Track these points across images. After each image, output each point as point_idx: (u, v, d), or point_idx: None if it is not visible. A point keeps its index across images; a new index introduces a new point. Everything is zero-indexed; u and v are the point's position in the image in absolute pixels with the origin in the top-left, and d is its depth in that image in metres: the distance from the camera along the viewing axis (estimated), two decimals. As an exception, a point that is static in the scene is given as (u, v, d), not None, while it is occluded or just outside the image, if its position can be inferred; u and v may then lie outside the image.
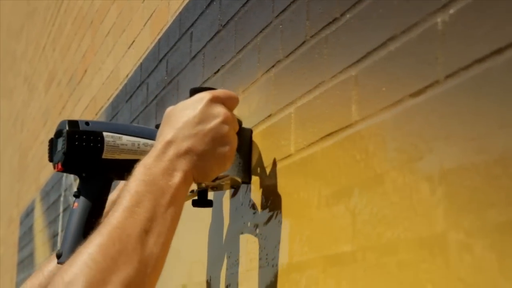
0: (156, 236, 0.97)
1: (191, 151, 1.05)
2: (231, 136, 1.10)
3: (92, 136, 1.23)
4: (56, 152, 1.25)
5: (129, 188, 1.00)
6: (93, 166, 1.24)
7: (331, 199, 1.01)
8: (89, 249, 0.93)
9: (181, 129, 1.06)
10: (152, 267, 0.95)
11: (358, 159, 0.95)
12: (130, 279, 0.91)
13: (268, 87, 1.26)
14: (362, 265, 0.92)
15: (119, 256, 0.93)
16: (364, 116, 0.95)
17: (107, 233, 0.95)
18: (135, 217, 0.97)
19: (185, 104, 1.11)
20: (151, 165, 1.03)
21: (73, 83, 3.43)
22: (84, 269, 0.90)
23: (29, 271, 4.33)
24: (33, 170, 4.70)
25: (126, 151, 1.26)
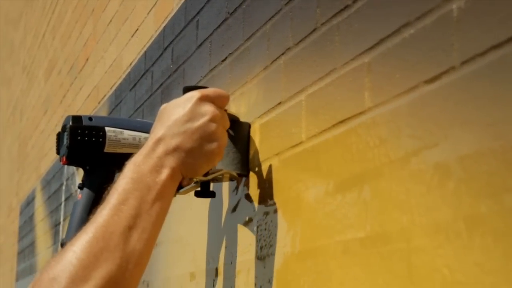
0: (140, 232, 1.01)
1: (180, 148, 1.10)
2: (219, 133, 1.13)
3: (94, 131, 1.30)
4: (62, 146, 1.33)
5: (117, 186, 1.05)
6: (96, 159, 1.31)
7: (344, 185, 1.02)
8: (74, 246, 0.98)
9: (171, 127, 1.11)
10: (135, 262, 1.00)
11: (371, 145, 0.96)
12: (111, 274, 0.97)
13: (278, 75, 1.26)
14: (375, 251, 0.92)
15: (101, 253, 0.98)
16: (378, 102, 0.95)
17: (92, 231, 1.00)
18: (120, 215, 1.01)
19: (176, 102, 1.15)
20: (140, 162, 1.07)
21: (74, 71, 3.43)
22: (68, 266, 0.96)
23: (30, 260, 4.35)
24: (33, 159, 4.70)
25: (128, 145, 1.32)
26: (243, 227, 1.33)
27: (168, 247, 1.79)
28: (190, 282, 1.60)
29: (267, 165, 1.27)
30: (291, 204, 1.17)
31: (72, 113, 3.37)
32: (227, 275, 1.39)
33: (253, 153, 1.34)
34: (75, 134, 1.29)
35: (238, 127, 1.32)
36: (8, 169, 6.39)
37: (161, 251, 1.83)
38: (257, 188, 1.30)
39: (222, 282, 1.41)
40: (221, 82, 1.51)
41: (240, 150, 1.32)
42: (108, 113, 2.59)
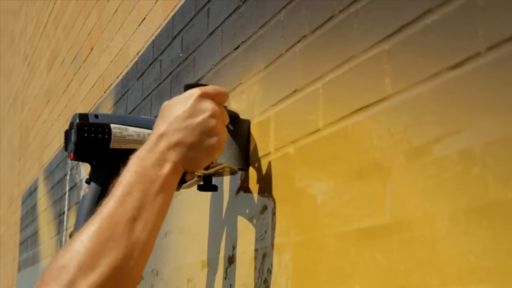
0: (143, 223, 1.07)
1: (181, 143, 1.14)
2: (218, 129, 1.18)
3: (100, 128, 1.36)
4: (69, 142, 1.39)
5: (122, 179, 1.10)
6: (102, 155, 1.37)
7: (363, 172, 1.02)
8: (81, 236, 1.04)
9: (173, 122, 1.16)
10: (139, 251, 1.05)
11: (393, 132, 0.96)
12: (117, 262, 1.02)
13: (293, 63, 1.26)
14: (398, 238, 0.93)
15: (107, 242, 1.03)
16: (399, 89, 0.95)
17: (98, 221, 1.05)
18: (124, 206, 1.07)
19: (178, 99, 1.20)
20: (144, 156, 1.12)
21: (78, 61, 3.42)
22: (75, 255, 1.01)
23: (33, 250, 4.35)
24: (35, 149, 4.69)
25: (132, 141, 1.38)
26: (258, 216, 1.33)
27: (178, 236, 1.79)
28: (201, 270, 1.60)
29: (283, 152, 1.27)
30: (307, 191, 1.17)
31: (76, 102, 3.37)
32: (241, 262, 1.39)
33: (253, 148, 1.38)
34: (82, 131, 1.35)
35: (238, 123, 1.36)
36: (9, 159, 6.39)
37: (171, 240, 1.84)
38: (271, 176, 1.30)
39: (236, 270, 1.41)
40: (233, 70, 1.51)
41: (240, 145, 1.37)
42: (115, 102, 2.59)
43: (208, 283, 1.55)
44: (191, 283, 1.67)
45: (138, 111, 2.24)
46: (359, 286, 1.00)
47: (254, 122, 1.40)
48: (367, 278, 0.99)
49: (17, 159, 5.72)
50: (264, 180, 1.34)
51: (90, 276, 1.00)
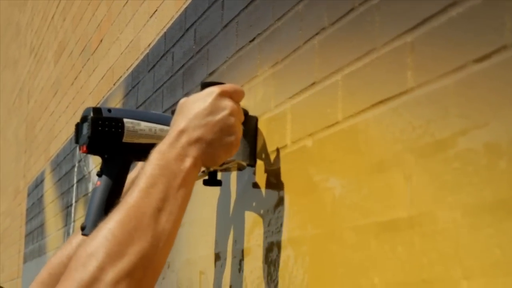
0: (168, 214, 1.10)
1: (201, 140, 1.18)
2: (236, 127, 1.22)
3: (113, 122, 1.38)
4: (82, 135, 1.40)
5: (145, 171, 1.13)
6: (114, 148, 1.38)
7: (384, 165, 1.01)
8: (108, 224, 1.06)
9: (193, 119, 1.19)
10: (164, 241, 1.08)
11: (415, 125, 0.95)
12: (144, 251, 1.05)
13: (311, 55, 1.25)
14: (420, 231, 0.92)
15: (135, 231, 1.06)
16: (421, 82, 0.95)
17: (124, 211, 1.08)
18: (150, 197, 1.10)
19: (197, 96, 1.23)
20: (165, 151, 1.15)
21: (86, 53, 3.42)
22: (104, 242, 1.04)
23: (39, 242, 4.35)
24: (42, 141, 4.69)
25: (144, 135, 1.39)
26: (274, 209, 1.33)
27: (190, 229, 1.79)
28: (214, 263, 1.60)
29: (300, 145, 1.26)
30: (325, 184, 1.17)
31: (84, 94, 3.37)
32: (255, 255, 1.39)
33: (261, 145, 1.41)
34: (95, 125, 1.36)
35: (247, 120, 1.38)
36: (15, 151, 6.39)
37: (183, 232, 1.84)
38: (288, 169, 1.30)
39: (250, 263, 1.41)
40: (249, 63, 1.51)
41: (249, 142, 1.41)
42: (124, 94, 2.59)
43: (221, 275, 1.55)
44: (204, 275, 1.67)
45: (149, 104, 2.24)
46: (379, 279, 1.00)
47: (270, 115, 1.40)
48: (387, 271, 0.99)
49: (23, 151, 5.72)
50: (280, 173, 1.34)
51: (119, 263, 1.03)
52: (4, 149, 7.35)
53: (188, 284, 1.75)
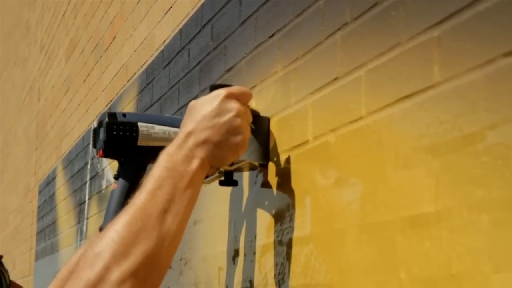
0: (173, 215, 1.13)
1: (208, 141, 1.21)
2: (243, 128, 1.24)
3: (128, 126, 1.43)
4: (98, 140, 1.45)
5: (153, 173, 1.16)
6: (130, 152, 1.43)
7: (410, 160, 1.01)
8: (115, 226, 1.10)
9: (200, 121, 1.22)
10: (170, 241, 1.12)
11: (442, 120, 0.95)
12: (149, 251, 1.09)
13: (333, 50, 1.25)
14: (448, 225, 0.92)
15: (141, 232, 1.10)
16: (448, 76, 0.95)
17: (131, 212, 1.11)
18: (156, 199, 1.13)
19: (205, 99, 1.26)
20: (173, 153, 1.18)
21: (99, 50, 3.42)
22: (110, 243, 1.08)
23: (52, 239, 4.36)
24: (53, 139, 4.70)
25: (158, 139, 1.44)
26: (295, 205, 1.33)
27: (208, 225, 1.79)
28: (233, 259, 1.60)
29: (322, 140, 1.26)
30: (348, 179, 1.17)
31: (97, 91, 3.37)
32: (277, 251, 1.39)
33: (272, 145, 1.44)
34: (111, 130, 1.41)
35: (258, 121, 1.42)
36: (25, 149, 6.40)
37: (200, 229, 1.84)
38: (312, 164, 1.30)
39: (272, 258, 1.41)
40: (268, 59, 1.51)
41: (261, 142, 1.43)
42: (139, 91, 2.59)
43: (241, 271, 1.56)
44: (222, 271, 1.67)
45: (164, 100, 2.25)
46: (406, 274, 1.00)
47: (290, 111, 1.40)
48: (414, 267, 0.99)
49: (34, 149, 5.73)
50: (301, 169, 1.34)
51: (124, 263, 1.07)
52: (15, 147, 7.37)
53: (207, 280, 1.76)
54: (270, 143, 1.45)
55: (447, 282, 0.92)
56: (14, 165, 7.25)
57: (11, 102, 8.02)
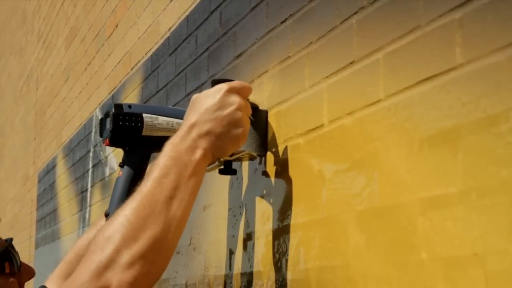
0: (179, 201, 1.22)
1: (211, 133, 1.29)
2: (243, 120, 1.33)
3: (133, 117, 1.50)
4: (105, 130, 1.53)
5: (159, 162, 1.25)
6: (135, 141, 1.50)
7: (431, 141, 1.02)
8: (124, 211, 1.19)
9: (203, 114, 1.30)
10: (175, 226, 1.21)
11: (464, 101, 0.96)
12: (156, 235, 1.17)
13: (349, 34, 1.26)
14: (471, 205, 0.93)
15: (148, 217, 1.18)
16: (471, 58, 0.96)
17: (139, 199, 1.20)
18: (162, 186, 1.22)
19: (207, 93, 1.34)
20: (178, 143, 1.27)
21: (101, 38, 3.42)
22: (120, 228, 1.17)
23: (52, 227, 4.37)
24: (53, 127, 4.70)
25: (162, 129, 1.50)
26: (310, 187, 1.34)
27: (217, 210, 1.80)
28: (245, 243, 1.61)
29: (338, 124, 1.27)
30: (366, 162, 1.18)
31: (99, 79, 3.38)
32: (292, 234, 1.40)
33: (271, 136, 1.50)
34: (117, 120, 1.49)
35: (257, 113, 1.51)
36: (23, 138, 6.39)
37: (210, 214, 1.85)
38: (328, 147, 1.31)
39: (286, 242, 1.42)
40: (280, 44, 1.51)
41: (259, 134, 1.52)
42: (143, 78, 2.59)
43: (253, 255, 1.57)
44: (234, 255, 1.68)
45: (171, 87, 2.25)
46: (427, 254, 1.01)
47: (304, 95, 1.41)
48: (435, 246, 1.00)
49: (32, 138, 5.73)
50: (316, 152, 1.34)
51: (133, 246, 1.16)
52: (12, 137, 7.36)
53: (217, 264, 1.77)
54: (268, 134, 1.53)
55: (470, 261, 0.93)
56: (12, 154, 7.24)
57: (8, 92, 8.01)
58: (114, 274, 1.14)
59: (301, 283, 1.35)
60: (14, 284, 1.51)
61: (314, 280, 1.31)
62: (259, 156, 1.55)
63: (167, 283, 2.14)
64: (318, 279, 1.29)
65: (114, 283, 1.14)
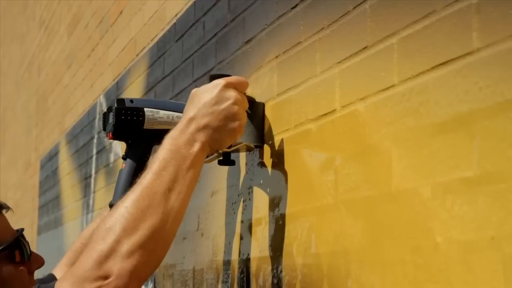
0: (177, 193, 1.28)
1: (208, 126, 1.35)
2: (240, 114, 1.39)
3: (135, 111, 1.56)
4: (108, 124, 1.59)
5: (158, 155, 1.31)
6: (137, 135, 1.57)
7: (446, 126, 1.02)
8: (125, 203, 1.26)
9: (201, 108, 1.36)
10: (173, 217, 1.27)
11: (481, 85, 0.96)
12: (155, 225, 1.24)
13: (362, 20, 1.26)
14: (488, 189, 0.94)
15: (148, 209, 1.25)
16: (489, 43, 0.96)
17: (139, 191, 1.26)
18: (161, 179, 1.27)
19: (205, 88, 1.40)
20: (176, 137, 1.33)
21: (104, 25, 3.42)
22: (120, 219, 1.24)
23: (55, 214, 4.37)
24: (55, 114, 4.70)
25: (163, 123, 1.57)
26: (324, 172, 1.35)
27: (226, 195, 1.80)
28: (256, 228, 1.61)
29: (351, 109, 1.27)
30: (379, 147, 1.18)
31: (103, 66, 3.37)
32: (304, 218, 1.40)
33: (267, 128, 1.55)
34: (119, 114, 1.55)
35: (254, 106, 1.56)
36: (25, 125, 6.39)
37: (218, 199, 1.85)
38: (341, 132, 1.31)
39: (298, 226, 1.42)
40: (291, 29, 1.51)
41: (256, 126, 1.57)
42: (149, 65, 2.59)
43: (264, 240, 1.57)
44: (243, 240, 1.68)
45: (177, 73, 2.25)
46: (442, 238, 1.02)
47: (315, 80, 1.41)
48: (450, 230, 1.00)
49: (34, 124, 5.73)
50: (328, 137, 1.35)
51: (133, 236, 1.22)
52: (13, 123, 7.36)
53: (226, 249, 1.77)
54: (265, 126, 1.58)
55: (486, 244, 0.93)
56: (13, 141, 7.24)
57: (9, 78, 8.00)
58: (115, 262, 1.21)
59: (313, 268, 1.35)
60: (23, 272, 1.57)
61: (325, 265, 1.31)
62: (256, 147, 1.60)
63: (174, 269, 2.15)
64: (330, 264, 1.30)
65: (115, 271, 1.20)
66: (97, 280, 1.20)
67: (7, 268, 1.55)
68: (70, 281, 1.22)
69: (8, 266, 1.55)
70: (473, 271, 0.95)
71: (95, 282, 1.20)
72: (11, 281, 1.55)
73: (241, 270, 1.68)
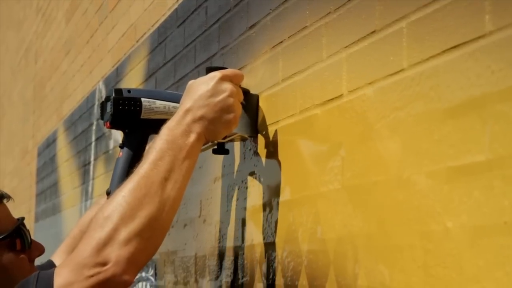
0: (173, 183, 1.32)
1: (204, 118, 1.40)
2: (235, 106, 1.44)
3: (132, 101, 1.59)
4: (106, 113, 1.63)
5: (155, 145, 1.35)
6: (134, 124, 1.60)
7: (458, 110, 1.02)
8: (122, 192, 1.29)
9: (197, 100, 1.41)
10: (170, 206, 1.31)
11: (494, 69, 0.96)
12: (152, 214, 1.28)
13: (370, 3, 1.25)
14: (500, 174, 0.93)
15: (144, 197, 1.28)
16: (502, 26, 0.95)
17: (136, 180, 1.30)
18: (158, 169, 1.32)
19: (202, 80, 1.45)
20: (173, 127, 1.37)
21: (104, 11, 3.40)
22: (118, 207, 1.27)
23: (53, 201, 4.36)
24: (53, 101, 4.68)
25: (160, 112, 1.60)
26: (330, 157, 1.34)
27: (229, 181, 1.80)
28: (260, 213, 1.61)
29: (359, 93, 1.26)
30: (387, 132, 1.17)
31: (102, 52, 3.36)
32: (310, 204, 1.39)
33: (261, 119, 1.59)
34: (117, 104, 1.58)
35: (248, 98, 1.60)
36: (21, 112, 6.37)
37: (221, 185, 1.84)
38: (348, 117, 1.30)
39: (303, 211, 1.41)
40: (296, 14, 1.50)
41: (250, 117, 1.62)
42: (150, 51, 2.58)
43: (268, 226, 1.56)
44: (246, 227, 1.68)
45: (179, 59, 2.24)
46: (453, 223, 1.01)
47: (322, 65, 1.40)
48: (461, 215, 0.99)
49: (31, 112, 5.71)
50: (335, 122, 1.34)
51: (130, 225, 1.26)
52: (10, 110, 7.34)
53: (229, 235, 1.76)
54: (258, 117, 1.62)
55: (499, 229, 0.92)
56: (9, 128, 7.22)
57: (5, 65, 7.97)
58: (112, 250, 1.24)
59: (319, 254, 1.35)
60: (24, 260, 1.59)
61: (332, 251, 1.31)
62: (250, 137, 1.65)
63: (175, 255, 2.14)
64: (337, 250, 1.29)
65: (112, 258, 1.24)
66: (95, 266, 1.24)
67: (8, 256, 1.59)
68: (69, 268, 1.25)
69: (9, 254, 1.60)
70: (484, 256, 0.95)
71: (93, 269, 1.24)
72: (12, 269, 1.59)
73: (244, 256, 1.67)
